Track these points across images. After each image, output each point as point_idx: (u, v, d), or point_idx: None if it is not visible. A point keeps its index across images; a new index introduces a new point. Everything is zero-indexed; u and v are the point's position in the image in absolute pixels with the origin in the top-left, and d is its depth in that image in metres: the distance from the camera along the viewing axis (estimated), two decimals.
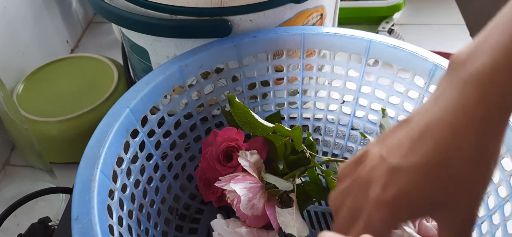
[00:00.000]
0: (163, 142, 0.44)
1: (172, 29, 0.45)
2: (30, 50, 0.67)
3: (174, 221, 0.46)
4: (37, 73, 0.62)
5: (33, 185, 0.54)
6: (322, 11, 0.51)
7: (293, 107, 0.52)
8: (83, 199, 0.31)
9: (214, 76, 0.46)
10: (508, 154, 0.35)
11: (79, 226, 0.30)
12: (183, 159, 0.47)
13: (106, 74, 0.61)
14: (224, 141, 0.42)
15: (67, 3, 0.77)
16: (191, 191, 0.48)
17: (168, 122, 0.44)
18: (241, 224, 0.39)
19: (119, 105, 0.39)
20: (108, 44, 0.80)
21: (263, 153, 0.43)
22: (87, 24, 0.85)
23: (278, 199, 0.40)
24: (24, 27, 0.66)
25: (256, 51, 0.46)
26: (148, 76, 0.42)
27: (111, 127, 0.37)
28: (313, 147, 0.44)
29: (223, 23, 0.45)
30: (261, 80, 0.49)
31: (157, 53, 0.50)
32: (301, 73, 0.49)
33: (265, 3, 0.45)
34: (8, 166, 0.57)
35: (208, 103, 0.47)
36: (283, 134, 0.42)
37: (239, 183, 0.38)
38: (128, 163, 0.39)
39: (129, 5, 0.47)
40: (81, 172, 0.33)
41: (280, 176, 0.40)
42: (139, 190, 0.41)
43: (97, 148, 0.35)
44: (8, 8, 0.62)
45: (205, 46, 0.45)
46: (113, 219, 0.34)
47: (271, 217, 0.37)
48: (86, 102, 0.56)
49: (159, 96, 0.42)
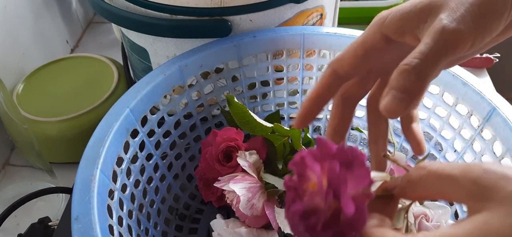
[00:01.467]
0: (163, 142, 0.44)
1: (172, 29, 0.45)
2: (30, 50, 0.67)
3: (174, 221, 0.46)
4: (37, 73, 0.62)
5: (33, 185, 0.54)
6: (322, 11, 0.51)
7: (293, 107, 0.52)
8: (83, 199, 0.31)
9: (214, 76, 0.46)
10: (508, 154, 0.35)
11: (79, 226, 0.30)
12: (183, 159, 0.48)
13: (106, 74, 0.61)
14: (224, 141, 0.42)
15: (67, 3, 0.77)
16: (191, 191, 0.48)
17: (168, 122, 0.44)
18: (241, 224, 0.39)
19: (119, 105, 0.39)
20: (108, 44, 0.80)
21: (262, 153, 0.43)
22: (87, 24, 0.85)
23: (278, 199, 0.40)
24: (24, 27, 0.66)
25: (256, 51, 0.46)
26: (148, 76, 0.42)
27: (111, 127, 0.37)
28: (311, 145, 0.44)
29: (223, 23, 0.45)
30: (261, 80, 0.49)
31: (157, 53, 0.50)
32: (301, 73, 0.49)
33: (265, 3, 0.45)
34: (8, 166, 0.57)
35: (208, 103, 0.47)
36: (282, 134, 0.42)
37: (238, 183, 0.38)
38: (128, 163, 0.39)
39: (129, 5, 0.47)
40: (81, 172, 0.33)
41: (279, 176, 0.40)
42: (139, 190, 0.41)
43: (97, 148, 0.35)
44: (8, 8, 0.62)
45: (205, 46, 0.45)
46: (113, 219, 0.34)
47: (270, 217, 0.37)
48: (86, 102, 0.56)
49: (159, 96, 0.42)
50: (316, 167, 0.21)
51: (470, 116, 0.39)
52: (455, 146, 0.42)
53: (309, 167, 0.21)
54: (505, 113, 0.36)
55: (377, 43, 0.27)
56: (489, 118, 0.37)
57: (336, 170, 0.20)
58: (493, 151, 0.37)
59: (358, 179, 0.21)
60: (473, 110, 0.39)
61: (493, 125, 0.37)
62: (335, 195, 0.20)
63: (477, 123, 0.39)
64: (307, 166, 0.22)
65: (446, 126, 0.43)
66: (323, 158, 0.21)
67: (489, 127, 0.37)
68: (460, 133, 0.41)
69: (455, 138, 0.42)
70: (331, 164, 0.21)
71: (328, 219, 0.21)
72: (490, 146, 0.38)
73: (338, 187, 0.20)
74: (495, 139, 0.37)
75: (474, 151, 0.40)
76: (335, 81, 0.28)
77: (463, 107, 0.40)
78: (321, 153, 0.21)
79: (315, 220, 0.21)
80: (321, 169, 0.21)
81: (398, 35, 0.26)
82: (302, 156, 0.22)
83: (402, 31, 0.26)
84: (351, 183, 0.21)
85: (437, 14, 0.24)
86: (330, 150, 0.21)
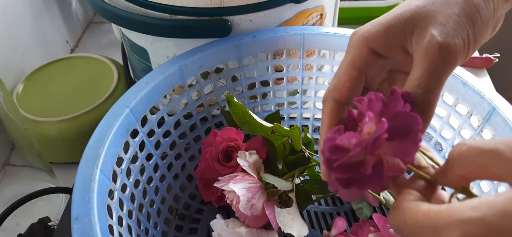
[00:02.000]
0: (163, 142, 0.44)
1: (172, 29, 0.45)
2: (30, 50, 0.67)
3: (174, 221, 0.46)
4: (37, 73, 0.62)
5: (33, 185, 0.54)
6: (322, 11, 0.51)
7: (293, 107, 0.52)
8: (83, 199, 0.31)
9: (214, 76, 0.46)
10: None
11: (79, 226, 0.30)
12: (183, 159, 0.48)
13: (106, 74, 0.61)
14: (224, 141, 0.42)
15: (67, 3, 0.77)
16: (191, 191, 0.48)
17: (168, 122, 0.44)
18: (241, 224, 0.39)
19: (119, 105, 0.39)
20: (108, 44, 0.80)
21: (262, 153, 0.43)
22: (87, 24, 0.85)
23: (278, 199, 0.40)
24: (24, 27, 0.66)
25: (256, 51, 0.46)
26: (148, 76, 0.42)
27: (111, 127, 0.37)
28: (311, 145, 0.44)
29: (223, 23, 0.45)
30: (261, 80, 0.49)
31: (157, 53, 0.50)
32: (301, 73, 0.49)
33: (265, 3, 0.45)
34: (8, 166, 0.57)
35: (208, 103, 0.47)
36: (282, 134, 0.42)
37: (238, 183, 0.38)
38: (128, 163, 0.39)
39: (129, 5, 0.47)
40: (81, 172, 0.33)
41: (279, 176, 0.40)
42: (139, 190, 0.41)
43: (97, 148, 0.35)
44: (8, 8, 0.62)
45: (205, 46, 0.45)
46: (113, 219, 0.34)
47: (270, 217, 0.37)
48: (86, 102, 0.56)
49: (159, 96, 0.42)
50: (373, 117, 0.21)
51: (470, 116, 0.39)
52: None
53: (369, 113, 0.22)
54: (505, 113, 0.36)
55: (367, 59, 0.26)
56: (489, 118, 0.37)
57: (383, 136, 0.20)
58: None
59: (402, 151, 0.21)
60: (473, 110, 0.39)
61: (493, 125, 0.37)
62: (372, 151, 0.21)
63: (477, 123, 0.39)
64: (368, 111, 0.22)
65: (446, 126, 0.43)
66: (386, 111, 0.21)
67: (489, 127, 0.37)
68: (460, 133, 0.41)
69: (455, 138, 0.42)
70: (382, 128, 0.20)
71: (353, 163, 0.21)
72: None
73: (377, 149, 0.21)
74: None
75: None
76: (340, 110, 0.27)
77: (463, 107, 0.40)
78: (389, 104, 0.21)
79: (341, 157, 0.21)
80: (376, 122, 0.21)
81: (386, 50, 0.26)
82: (370, 98, 0.22)
83: (389, 46, 0.25)
84: (394, 150, 0.21)
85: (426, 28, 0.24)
86: (395, 106, 0.21)
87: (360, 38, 0.26)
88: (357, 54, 0.26)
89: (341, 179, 0.21)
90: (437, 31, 0.23)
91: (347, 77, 0.26)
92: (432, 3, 0.25)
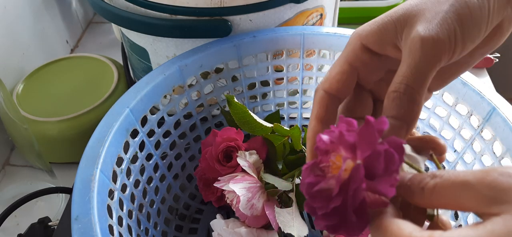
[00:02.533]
0: (163, 142, 0.44)
1: (172, 29, 0.45)
2: (30, 50, 0.67)
3: (174, 221, 0.46)
4: (37, 73, 0.62)
5: (33, 185, 0.54)
6: (322, 11, 0.51)
7: (293, 107, 0.52)
8: (83, 199, 0.31)
9: (214, 76, 0.46)
10: (508, 154, 0.35)
11: (79, 226, 0.30)
12: (183, 159, 0.48)
13: (106, 74, 0.61)
14: (224, 141, 0.42)
15: (67, 3, 0.77)
16: (191, 191, 0.48)
17: (168, 122, 0.44)
18: (241, 224, 0.39)
19: (119, 105, 0.39)
20: (108, 44, 0.80)
21: (262, 153, 0.43)
22: (87, 24, 0.85)
23: (278, 199, 0.40)
24: (24, 27, 0.66)
25: (256, 51, 0.46)
26: (148, 76, 0.42)
27: (111, 127, 0.37)
28: None
29: (223, 23, 0.45)
30: (261, 80, 0.49)
31: (157, 53, 0.50)
32: (301, 73, 0.49)
33: (265, 3, 0.45)
34: (8, 166, 0.57)
35: (208, 103, 0.47)
36: (282, 134, 0.42)
37: (238, 183, 0.38)
38: (128, 163, 0.39)
39: (129, 5, 0.47)
40: (81, 172, 0.33)
41: (279, 176, 0.40)
42: (139, 190, 0.41)
43: (97, 148, 0.35)
44: (8, 8, 0.62)
45: (205, 46, 0.45)
46: (113, 219, 0.34)
47: (270, 217, 0.37)
48: (86, 102, 0.56)
49: (159, 96, 0.42)
50: (347, 154, 0.21)
51: (470, 116, 0.39)
52: (455, 146, 0.42)
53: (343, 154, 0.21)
54: (505, 113, 0.36)
55: (359, 55, 0.27)
56: (489, 118, 0.37)
57: (361, 176, 0.20)
58: (493, 151, 0.37)
59: (382, 189, 0.20)
60: (473, 110, 0.39)
61: (493, 125, 0.37)
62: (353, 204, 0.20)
63: (477, 123, 0.39)
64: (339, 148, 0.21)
65: (446, 126, 0.43)
66: (359, 147, 0.20)
67: (489, 127, 0.37)
68: (460, 133, 0.41)
69: (455, 138, 0.42)
70: (359, 176, 0.20)
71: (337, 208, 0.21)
72: (490, 146, 0.38)
73: (357, 201, 0.20)
74: (495, 139, 0.37)
75: (474, 151, 0.40)
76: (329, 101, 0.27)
77: (463, 107, 0.40)
78: (364, 136, 0.20)
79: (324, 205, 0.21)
80: (352, 158, 0.20)
81: (379, 47, 0.26)
82: (341, 132, 0.21)
83: (382, 43, 0.26)
84: (373, 188, 0.20)
85: (414, 25, 0.24)
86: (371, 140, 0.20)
87: (355, 35, 0.27)
88: (350, 49, 0.27)
89: (327, 226, 0.21)
90: (422, 27, 0.24)
91: (338, 70, 0.27)
92: (424, 2, 0.25)
